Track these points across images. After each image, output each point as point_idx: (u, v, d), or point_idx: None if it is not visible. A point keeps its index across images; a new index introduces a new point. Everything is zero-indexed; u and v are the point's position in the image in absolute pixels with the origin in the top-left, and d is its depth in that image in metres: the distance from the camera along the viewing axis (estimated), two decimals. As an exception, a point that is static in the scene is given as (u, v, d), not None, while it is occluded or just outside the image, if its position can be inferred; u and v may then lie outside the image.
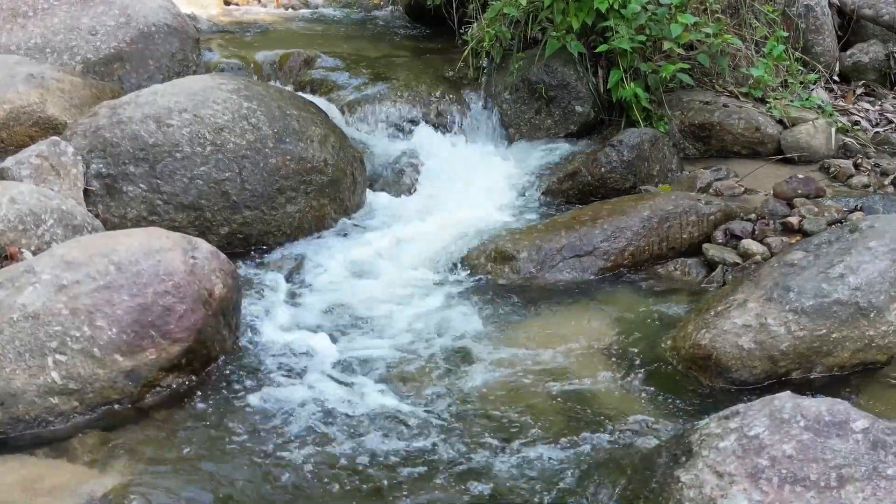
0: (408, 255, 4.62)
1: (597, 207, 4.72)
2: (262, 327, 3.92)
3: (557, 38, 5.53)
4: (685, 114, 5.62)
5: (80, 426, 3.25)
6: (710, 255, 4.46)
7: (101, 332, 3.32)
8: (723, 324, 3.65)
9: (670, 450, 2.89)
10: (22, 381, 3.22)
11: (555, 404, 3.47)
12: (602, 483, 3.02)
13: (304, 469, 3.09)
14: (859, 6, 6.54)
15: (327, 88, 5.82)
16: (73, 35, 5.59)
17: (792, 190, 4.88)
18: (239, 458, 3.14)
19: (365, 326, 4.04)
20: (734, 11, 5.99)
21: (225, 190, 4.47)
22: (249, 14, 7.55)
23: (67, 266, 3.42)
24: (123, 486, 2.97)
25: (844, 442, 2.67)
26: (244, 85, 4.84)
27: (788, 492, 2.60)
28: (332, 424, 3.34)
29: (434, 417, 3.40)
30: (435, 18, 6.71)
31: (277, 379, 3.60)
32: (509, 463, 3.14)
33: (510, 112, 5.71)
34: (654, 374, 3.66)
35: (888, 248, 3.71)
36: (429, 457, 3.17)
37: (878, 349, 3.60)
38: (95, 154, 4.43)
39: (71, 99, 4.99)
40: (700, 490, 2.68)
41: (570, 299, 4.24)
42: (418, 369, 3.72)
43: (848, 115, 6.02)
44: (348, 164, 4.92)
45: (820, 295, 3.61)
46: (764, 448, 2.69)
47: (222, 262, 3.72)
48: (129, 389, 3.35)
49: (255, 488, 3.01)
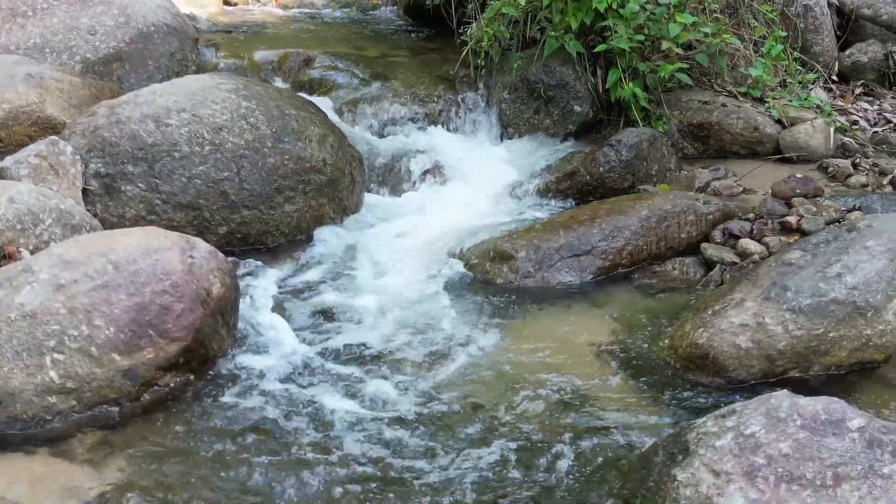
0: (405, 254, 4.63)
1: (595, 207, 4.73)
2: (260, 326, 3.93)
3: (556, 37, 5.53)
4: (684, 113, 5.62)
5: (77, 425, 3.25)
6: (709, 254, 4.47)
7: (99, 332, 3.32)
8: (720, 323, 3.66)
9: (667, 448, 2.90)
10: (20, 380, 3.22)
11: (552, 403, 3.47)
12: (599, 482, 3.03)
13: (302, 468, 3.09)
14: (858, 6, 6.55)
15: (326, 88, 5.81)
16: (72, 35, 5.59)
17: (790, 189, 4.89)
18: (237, 456, 3.15)
19: (363, 325, 4.04)
20: (733, 11, 5.99)
21: (223, 189, 4.47)
22: (249, 14, 7.55)
23: (65, 265, 3.42)
24: (121, 485, 2.98)
25: (841, 441, 2.68)
26: (243, 84, 4.85)
27: (785, 490, 2.60)
28: (330, 423, 3.35)
29: (431, 416, 3.40)
30: (434, 18, 6.70)
31: (275, 378, 3.60)
32: (506, 462, 3.14)
33: (509, 111, 5.71)
34: (652, 373, 3.67)
35: (886, 247, 3.71)
36: (426, 456, 3.18)
37: (875, 348, 3.60)
38: (94, 153, 4.43)
39: (70, 99, 4.99)
40: (697, 488, 2.69)
41: (568, 299, 4.25)
42: (415, 368, 3.72)
43: (846, 115, 6.02)
44: (347, 164, 4.93)
45: (817, 294, 3.62)
46: (760, 447, 2.69)
47: (220, 262, 3.72)
48: (127, 388, 3.35)
49: (253, 487, 3.01)
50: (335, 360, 3.77)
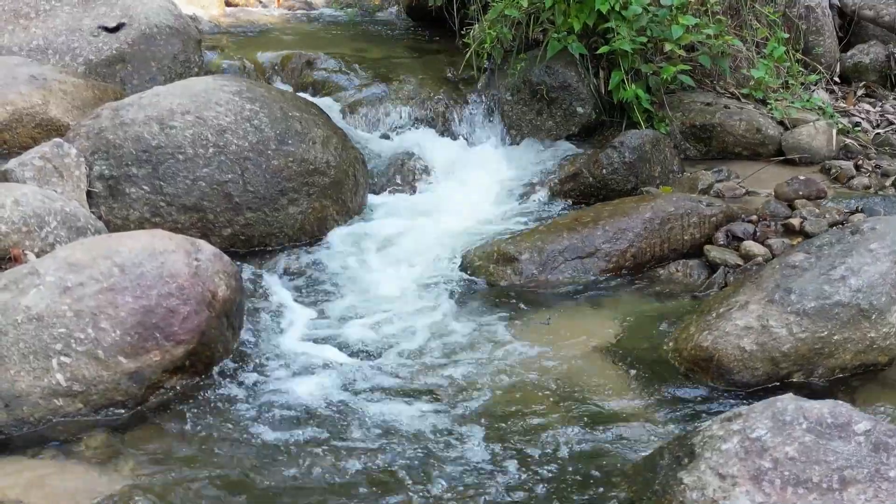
0: (409, 256, 4.63)
1: (598, 209, 4.73)
2: (266, 328, 3.94)
3: (559, 39, 5.53)
4: (686, 115, 5.62)
5: (84, 428, 3.26)
6: (712, 256, 4.47)
7: (105, 334, 3.33)
8: (724, 325, 3.66)
9: (673, 452, 2.91)
10: (27, 382, 3.23)
11: (556, 406, 3.48)
12: (604, 485, 3.03)
13: (308, 469, 3.10)
14: (860, 7, 6.55)
15: (329, 89, 5.82)
16: (75, 36, 5.60)
17: (793, 191, 4.90)
18: (243, 458, 3.15)
19: (366, 327, 4.04)
20: (735, 13, 5.99)
21: (227, 192, 4.48)
22: (251, 15, 7.56)
23: (71, 268, 3.43)
24: (128, 487, 2.98)
25: (846, 444, 2.69)
26: (246, 87, 4.85)
27: (791, 494, 2.61)
28: (335, 425, 3.35)
29: (434, 418, 3.40)
30: (436, 20, 6.71)
31: (281, 380, 3.61)
32: (509, 464, 3.15)
33: (511, 113, 5.72)
34: (656, 376, 3.67)
35: (889, 249, 3.72)
36: (428, 456, 3.18)
37: (879, 351, 3.61)
38: (98, 156, 4.44)
39: (73, 100, 4.99)
40: (703, 492, 2.69)
41: (571, 301, 4.25)
42: (419, 369, 3.73)
43: (849, 117, 6.02)
44: (350, 166, 4.93)
45: (821, 297, 3.62)
46: (766, 450, 2.70)
47: (225, 264, 3.73)
48: (133, 391, 3.36)
49: (260, 489, 3.02)
50: (339, 361, 3.77)
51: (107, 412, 3.32)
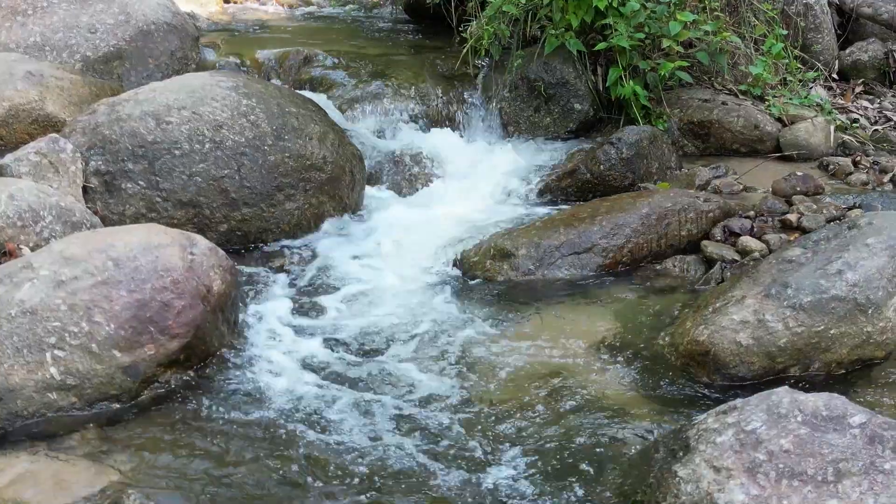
0: (406, 252, 4.63)
1: (596, 205, 4.72)
2: (261, 323, 3.93)
3: (556, 35, 5.53)
4: (684, 111, 5.62)
5: (78, 422, 3.25)
6: (709, 252, 4.46)
7: (100, 328, 3.32)
8: (721, 320, 3.65)
9: (668, 445, 2.90)
10: (20, 376, 3.22)
11: (552, 400, 3.47)
12: (600, 478, 3.03)
13: (303, 463, 3.09)
14: (858, 4, 6.55)
15: (327, 86, 5.81)
16: (72, 33, 5.60)
17: (791, 187, 4.89)
18: (238, 453, 3.14)
19: (362, 323, 4.04)
20: (733, 9, 5.99)
21: (224, 187, 4.47)
22: (248, 12, 7.56)
23: (66, 262, 3.42)
24: (122, 481, 2.97)
25: (842, 436, 2.68)
26: (243, 82, 4.85)
27: (786, 486, 2.60)
28: (330, 419, 3.34)
29: (431, 414, 3.40)
30: (434, 16, 6.71)
31: (276, 374, 3.60)
32: (506, 459, 3.14)
33: (509, 110, 5.71)
34: (652, 370, 3.67)
35: (886, 244, 3.71)
36: (426, 453, 3.18)
37: (875, 345, 3.60)
38: (94, 151, 4.43)
39: (70, 97, 5.00)
40: (697, 485, 2.68)
41: (568, 296, 4.24)
42: (415, 365, 3.72)
43: (847, 113, 6.03)
44: (347, 162, 4.92)
45: (818, 291, 3.61)
46: (761, 443, 2.69)
47: (221, 259, 3.72)
48: (128, 385, 3.35)
49: (254, 483, 3.01)
50: (335, 356, 3.77)
51: (101, 406, 3.31)
